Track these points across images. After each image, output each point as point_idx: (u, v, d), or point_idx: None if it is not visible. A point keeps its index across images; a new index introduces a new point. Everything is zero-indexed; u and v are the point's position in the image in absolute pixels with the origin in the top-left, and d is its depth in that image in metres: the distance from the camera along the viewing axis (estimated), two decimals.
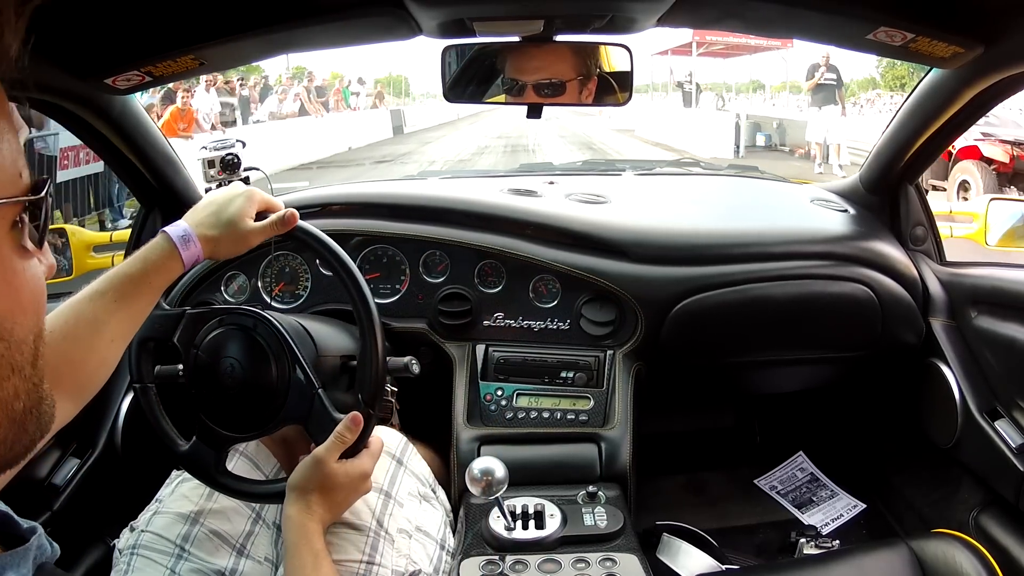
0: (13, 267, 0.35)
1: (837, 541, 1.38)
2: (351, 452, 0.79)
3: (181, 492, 0.89)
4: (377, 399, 0.82)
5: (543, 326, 1.23)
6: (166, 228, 0.77)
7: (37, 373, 0.37)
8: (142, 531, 0.85)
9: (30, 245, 0.37)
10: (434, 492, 1.01)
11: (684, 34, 14.61)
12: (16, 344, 0.35)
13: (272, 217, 0.81)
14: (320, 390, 0.81)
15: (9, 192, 0.35)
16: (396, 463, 0.95)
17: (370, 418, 0.80)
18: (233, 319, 0.84)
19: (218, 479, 0.84)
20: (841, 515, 1.54)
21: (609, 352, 1.20)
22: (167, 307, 0.86)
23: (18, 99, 0.36)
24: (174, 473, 0.94)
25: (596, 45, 0.96)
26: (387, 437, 0.97)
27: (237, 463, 0.93)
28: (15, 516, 0.40)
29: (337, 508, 0.80)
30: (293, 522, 0.76)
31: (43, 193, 0.37)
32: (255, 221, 0.81)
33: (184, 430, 0.87)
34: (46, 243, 0.40)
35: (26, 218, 0.36)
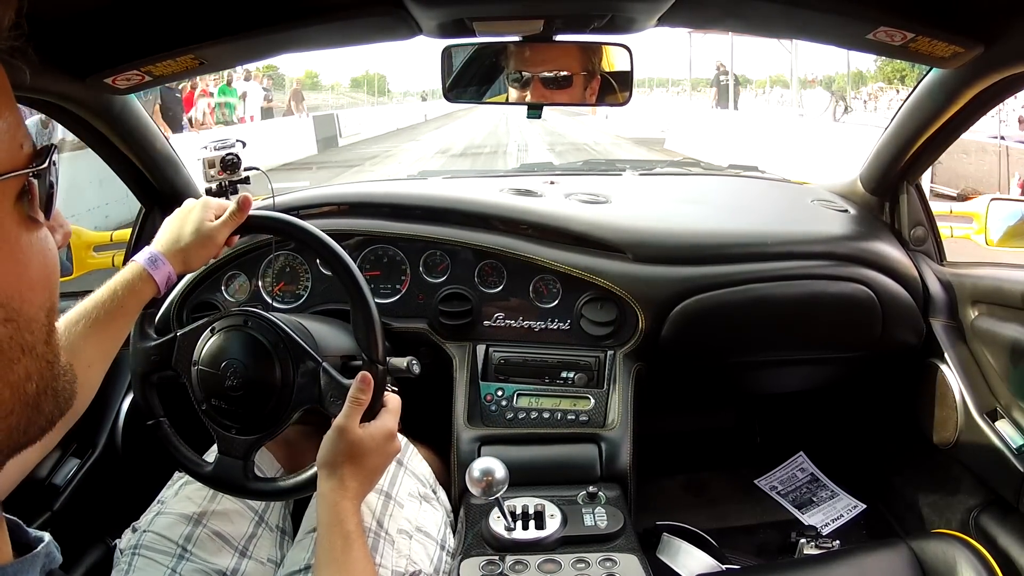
0: (19, 242, 0.34)
1: (837, 541, 1.38)
2: (370, 414, 0.78)
3: (184, 493, 0.89)
4: (381, 352, 0.82)
5: (543, 326, 1.23)
6: (134, 257, 0.80)
7: (51, 350, 0.35)
8: (144, 531, 0.85)
9: (40, 216, 0.36)
10: (434, 492, 1.01)
11: None
12: (26, 323, 0.33)
13: (229, 208, 0.84)
14: (324, 362, 0.82)
15: (9, 166, 0.34)
16: (396, 464, 0.95)
17: (379, 373, 0.80)
18: (224, 323, 0.84)
19: (249, 487, 0.83)
20: (841, 515, 1.54)
21: (609, 352, 1.20)
22: (156, 336, 0.86)
23: (18, 99, 0.36)
24: (176, 474, 0.94)
25: (598, 44, 0.97)
26: None
27: None
28: (24, 525, 0.39)
29: (371, 476, 0.79)
30: (326, 501, 0.75)
31: (46, 163, 0.36)
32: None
33: (196, 432, 0.87)
34: (58, 209, 0.39)
35: (33, 188, 0.35)
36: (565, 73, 0.96)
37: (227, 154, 1.19)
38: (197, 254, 0.83)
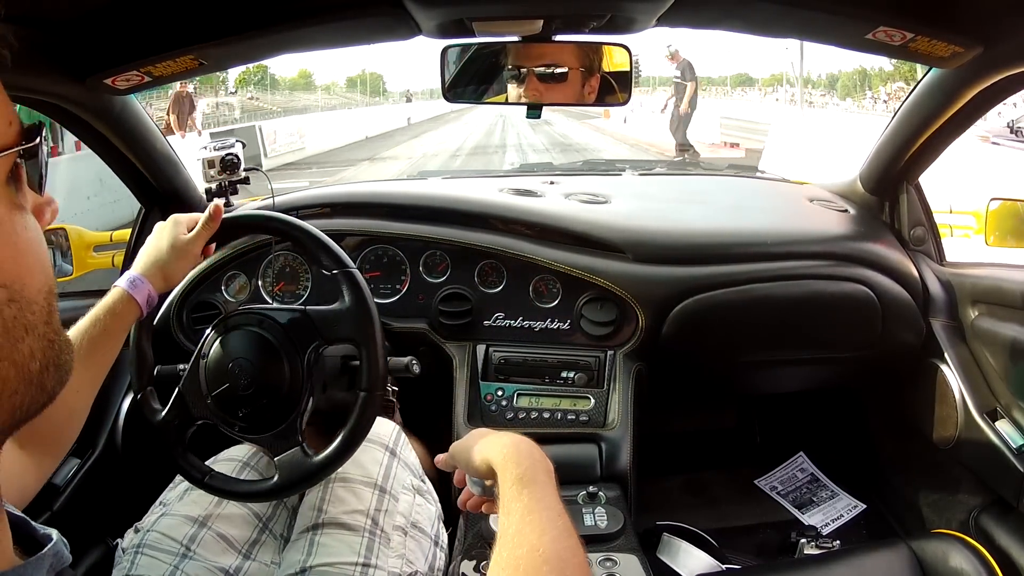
0: (14, 225, 0.34)
1: (837, 541, 1.38)
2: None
3: (190, 497, 0.89)
4: (348, 265, 0.84)
5: (543, 326, 1.23)
6: (116, 282, 0.82)
7: (52, 329, 0.36)
8: (148, 531, 0.85)
9: (28, 201, 0.36)
10: (424, 483, 1.00)
11: None
12: (27, 304, 0.34)
13: (201, 219, 0.86)
14: (307, 308, 0.83)
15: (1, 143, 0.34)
16: (390, 454, 0.94)
17: (350, 276, 0.84)
18: (210, 338, 0.83)
19: (316, 464, 0.80)
20: (841, 515, 1.54)
21: (609, 352, 1.20)
22: (162, 405, 0.86)
23: (18, 99, 0.35)
24: (178, 476, 0.94)
25: (598, 44, 0.97)
26: (379, 427, 0.96)
27: (242, 472, 0.92)
28: (32, 522, 0.39)
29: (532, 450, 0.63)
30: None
31: (37, 140, 0.36)
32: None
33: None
34: (46, 189, 0.39)
35: (20, 171, 0.35)
36: (564, 72, 0.96)
37: (227, 154, 1.20)
38: (176, 268, 0.85)
